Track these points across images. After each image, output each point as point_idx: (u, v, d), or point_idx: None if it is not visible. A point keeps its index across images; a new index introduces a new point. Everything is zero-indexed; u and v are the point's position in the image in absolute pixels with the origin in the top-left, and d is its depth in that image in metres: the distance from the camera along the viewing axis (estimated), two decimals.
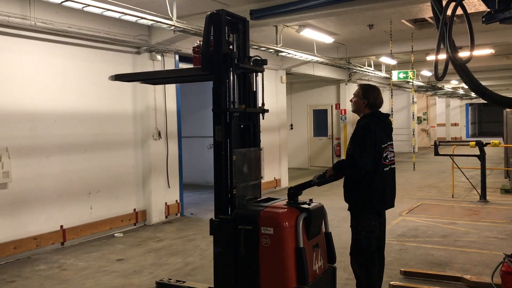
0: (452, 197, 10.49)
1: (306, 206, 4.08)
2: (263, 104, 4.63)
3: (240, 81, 4.44)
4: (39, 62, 6.85)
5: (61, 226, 7.05)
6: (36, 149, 6.77)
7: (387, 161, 4.12)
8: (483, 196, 9.93)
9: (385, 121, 4.25)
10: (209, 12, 4.25)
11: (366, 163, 3.98)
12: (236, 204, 4.20)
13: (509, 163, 11.54)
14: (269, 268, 3.89)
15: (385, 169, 4.11)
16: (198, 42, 4.48)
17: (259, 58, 4.55)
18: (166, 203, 8.83)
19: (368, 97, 4.22)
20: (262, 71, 4.59)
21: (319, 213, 4.22)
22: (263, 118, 4.65)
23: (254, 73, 4.57)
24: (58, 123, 7.06)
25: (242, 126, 4.48)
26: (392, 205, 4.30)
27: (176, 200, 9.12)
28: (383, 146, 4.09)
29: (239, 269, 4.04)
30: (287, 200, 4.23)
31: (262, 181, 4.69)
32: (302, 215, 3.94)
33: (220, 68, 4.17)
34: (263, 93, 4.65)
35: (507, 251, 4.80)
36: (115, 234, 7.76)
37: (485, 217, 8.45)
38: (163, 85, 8.66)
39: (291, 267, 3.82)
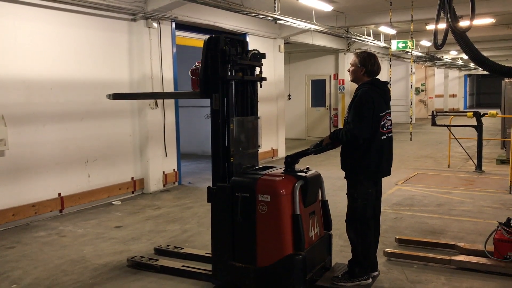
0: (448, 167, 10.56)
1: (303, 174, 4.11)
2: (260, 72, 4.60)
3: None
4: (34, 29, 6.74)
5: (59, 194, 7.09)
6: (32, 117, 6.73)
7: (384, 129, 4.11)
8: (479, 166, 9.99)
9: (383, 89, 4.22)
10: (208, 37, 4.19)
11: (364, 131, 3.98)
12: (233, 172, 4.22)
13: (506, 133, 11.56)
14: (265, 234, 3.94)
15: (382, 137, 4.11)
16: (196, 64, 4.44)
17: (257, 52, 4.48)
18: (163, 172, 8.86)
19: (366, 64, 4.17)
20: (260, 66, 4.54)
21: (316, 181, 4.25)
22: (260, 87, 4.63)
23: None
24: (54, 91, 7.01)
25: (239, 94, 4.46)
26: (389, 173, 4.32)
27: (174, 169, 9.15)
28: (381, 114, 4.07)
29: (236, 235, 4.09)
30: (284, 169, 4.25)
31: (260, 151, 4.70)
32: (299, 183, 3.97)
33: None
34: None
35: (501, 219, 4.86)
36: (113, 202, 7.81)
37: (480, 187, 8.53)
38: (160, 52, 8.57)
39: (287, 233, 3.87)
